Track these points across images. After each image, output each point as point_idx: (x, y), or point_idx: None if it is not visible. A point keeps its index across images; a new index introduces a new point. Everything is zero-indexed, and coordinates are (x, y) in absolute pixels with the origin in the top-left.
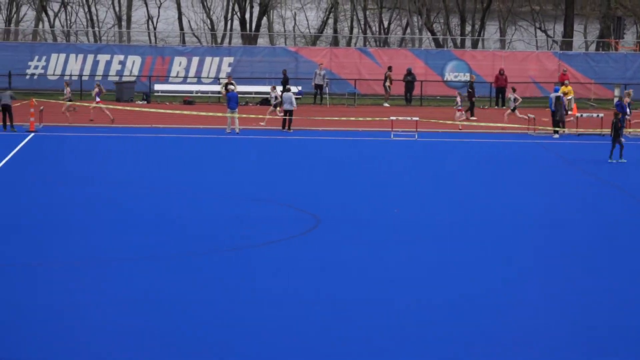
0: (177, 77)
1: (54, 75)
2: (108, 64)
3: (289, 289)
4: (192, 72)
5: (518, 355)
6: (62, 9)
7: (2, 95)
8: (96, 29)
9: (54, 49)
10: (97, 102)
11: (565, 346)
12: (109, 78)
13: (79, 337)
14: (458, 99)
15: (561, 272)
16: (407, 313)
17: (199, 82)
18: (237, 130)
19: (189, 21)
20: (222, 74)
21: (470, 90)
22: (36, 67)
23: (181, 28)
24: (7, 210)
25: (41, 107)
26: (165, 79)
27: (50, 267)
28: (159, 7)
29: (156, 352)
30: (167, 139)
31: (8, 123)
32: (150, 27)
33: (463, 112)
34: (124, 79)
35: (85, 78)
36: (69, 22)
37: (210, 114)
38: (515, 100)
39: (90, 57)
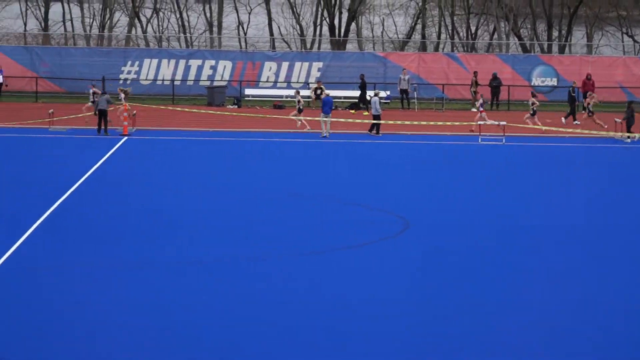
0: (267, 81)
1: (146, 80)
2: (199, 69)
3: (378, 291)
4: (281, 77)
5: None
6: (154, 15)
7: (99, 100)
8: (188, 34)
9: (146, 54)
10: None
11: None
12: (201, 83)
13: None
14: (480, 101)
15: None
16: (505, 316)
17: (289, 87)
18: (327, 135)
19: (278, 27)
20: (312, 79)
21: (572, 94)
22: (129, 72)
23: (271, 33)
24: (104, 213)
25: (134, 112)
26: (255, 84)
27: (166, 268)
28: (249, 13)
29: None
30: (258, 143)
31: (103, 127)
32: (241, 32)
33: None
34: (215, 83)
35: (177, 83)
36: (161, 28)
37: (301, 118)
38: (532, 104)
39: (182, 62)
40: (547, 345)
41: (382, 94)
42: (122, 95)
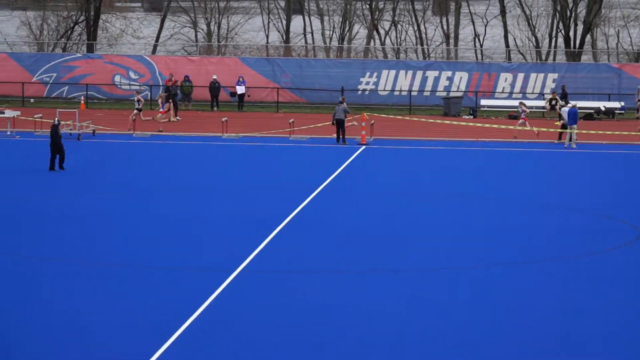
0: (502, 92)
1: (384, 90)
2: (436, 80)
3: (610, 301)
4: (517, 88)
5: None
6: (393, 27)
7: (337, 110)
8: (425, 46)
9: (384, 65)
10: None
11: None
12: (437, 93)
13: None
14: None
15: None
16: None
17: (524, 98)
18: (574, 146)
19: (514, 39)
20: (547, 90)
21: None
22: (367, 83)
23: (507, 45)
24: (342, 218)
25: (372, 121)
26: (490, 95)
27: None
28: (486, 26)
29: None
30: (495, 152)
31: (341, 136)
32: (477, 44)
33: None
34: (451, 94)
35: (414, 93)
36: (398, 40)
37: (535, 128)
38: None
39: (419, 74)
40: None
41: (616, 104)
42: (137, 98)
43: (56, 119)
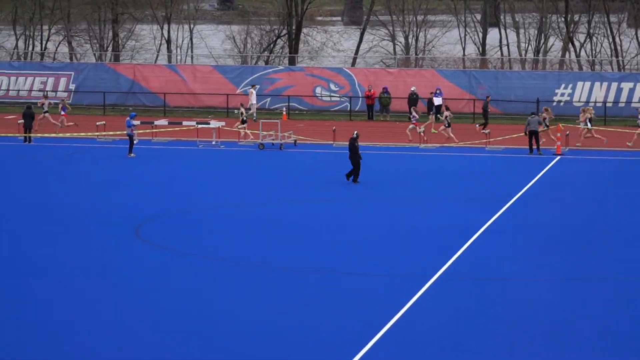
0: None
1: (579, 102)
2: (631, 91)
3: None
4: None
5: None
6: (588, 39)
7: (530, 121)
8: (620, 58)
9: (579, 77)
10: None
11: None
12: (632, 104)
13: None
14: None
15: None
16: None
17: None
18: None
19: None
20: None
21: None
22: (562, 95)
23: None
24: (543, 226)
25: (567, 132)
26: None
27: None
28: None
29: None
30: None
31: (535, 146)
32: None
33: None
34: None
35: (609, 105)
36: (593, 52)
37: None
38: (446, 117)
39: (614, 85)
40: None
41: None
42: (60, 105)
43: (355, 132)
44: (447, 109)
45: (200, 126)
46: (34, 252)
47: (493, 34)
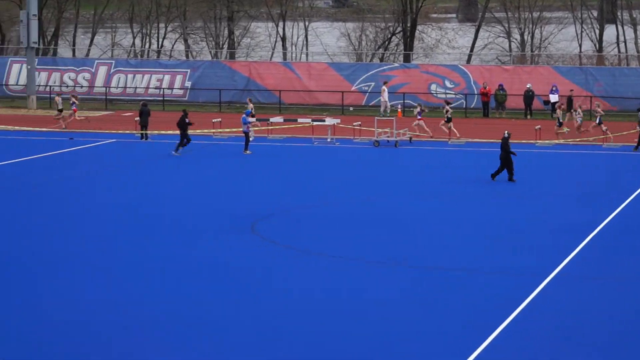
0: None
1: None
2: None
3: None
4: None
5: None
6: None
7: None
8: None
9: None
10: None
11: None
12: None
13: None
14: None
15: None
16: None
17: None
18: None
19: None
20: None
21: None
22: None
23: None
24: None
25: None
26: None
27: None
28: None
29: None
30: None
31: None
32: None
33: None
34: None
35: None
36: None
37: None
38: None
39: None
40: None
41: None
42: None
43: (506, 132)
44: (448, 103)
45: (315, 123)
46: (163, 250)
47: (610, 31)
